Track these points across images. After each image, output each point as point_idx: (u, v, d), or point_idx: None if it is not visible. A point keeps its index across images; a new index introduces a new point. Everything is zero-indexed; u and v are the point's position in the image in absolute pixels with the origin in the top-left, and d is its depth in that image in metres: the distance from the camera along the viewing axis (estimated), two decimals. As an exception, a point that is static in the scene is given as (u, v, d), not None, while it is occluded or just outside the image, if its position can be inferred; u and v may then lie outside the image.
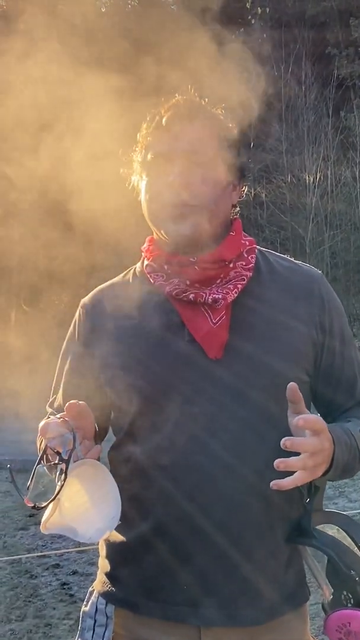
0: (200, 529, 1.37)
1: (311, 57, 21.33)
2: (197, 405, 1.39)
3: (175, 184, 1.40)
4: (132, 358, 1.45)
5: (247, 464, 1.37)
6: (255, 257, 1.50)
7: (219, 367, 1.40)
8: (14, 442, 10.49)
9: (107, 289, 1.59)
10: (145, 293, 1.49)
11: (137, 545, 1.44)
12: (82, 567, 4.86)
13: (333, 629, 1.34)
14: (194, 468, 1.37)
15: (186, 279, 1.42)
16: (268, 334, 1.41)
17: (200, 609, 1.38)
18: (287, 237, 19.88)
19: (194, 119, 1.45)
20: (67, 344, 1.60)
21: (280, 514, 1.41)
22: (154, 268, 1.48)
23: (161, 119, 1.45)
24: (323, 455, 1.26)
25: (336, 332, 1.48)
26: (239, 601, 1.39)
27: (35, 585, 4.54)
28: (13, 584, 4.56)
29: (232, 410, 1.38)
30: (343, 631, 1.33)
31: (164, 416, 1.40)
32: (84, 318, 1.57)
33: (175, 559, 1.39)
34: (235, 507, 1.38)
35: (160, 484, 1.39)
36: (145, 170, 1.48)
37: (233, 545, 1.37)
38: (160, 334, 1.44)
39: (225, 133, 1.49)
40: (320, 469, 1.27)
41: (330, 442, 1.28)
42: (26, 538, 5.67)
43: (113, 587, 1.48)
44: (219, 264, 1.43)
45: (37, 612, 4.11)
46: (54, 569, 4.85)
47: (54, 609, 4.14)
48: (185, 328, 1.42)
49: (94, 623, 1.49)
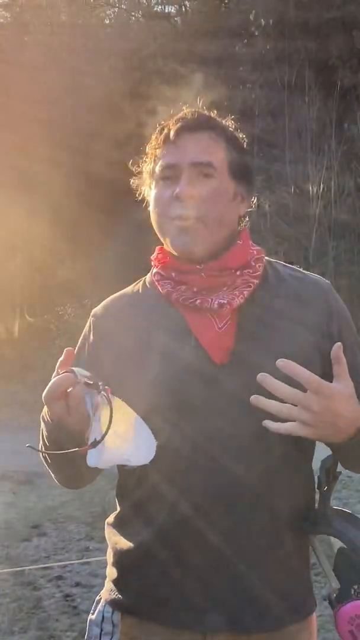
0: (205, 539, 1.37)
1: (314, 67, 21.40)
2: (203, 414, 1.39)
3: (181, 196, 1.41)
4: (138, 367, 1.46)
5: (254, 475, 1.37)
6: (264, 266, 1.51)
7: (224, 373, 1.40)
8: (16, 453, 10.50)
9: (117, 298, 1.61)
10: (153, 301, 1.51)
11: (141, 553, 1.44)
12: (85, 578, 4.84)
13: (345, 620, 1.33)
14: (200, 478, 1.37)
15: (193, 287, 1.44)
16: (274, 342, 1.42)
17: (206, 616, 1.38)
18: (291, 247, 19.89)
19: (201, 131, 1.47)
20: (76, 353, 1.61)
21: (287, 525, 1.41)
22: (162, 276, 1.50)
23: (169, 132, 1.47)
24: (328, 418, 1.26)
25: (344, 340, 1.48)
26: (245, 610, 1.38)
27: (39, 597, 4.52)
28: (16, 595, 4.54)
29: (237, 419, 1.38)
30: (355, 623, 1.31)
31: (168, 425, 1.40)
32: (93, 327, 1.59)
33: (180, 568, 1.40)
34: (241, 517, 1.37)
35: (164, 493, 1.39)
36: (154, 181, 1.50)
37: (239, 555, 1.37)
38: (167, 341, 1.45)
39: (233, 144, 1.51)
40: (326, 430, 1.28)
41: (346, 422, 1.28)
42: (29, 549, 5.65)
43: (119, 594, 1.49)
44: (226, 272, 1.45)
45: (41, 624, 4.09)
46: (58, 580, 4.83)
47: (57, 621, 4.12)
48: (191, 334, 1.42)
49: (100, 632, 1.50)
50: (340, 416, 1.26)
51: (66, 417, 1.29)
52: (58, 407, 1.30)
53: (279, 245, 19.81)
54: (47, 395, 1.30)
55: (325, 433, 1.27)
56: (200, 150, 1.45)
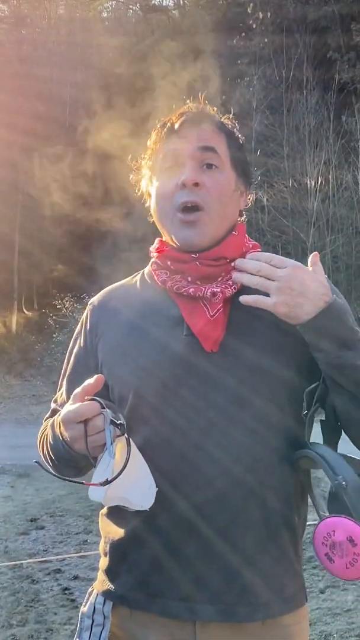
0: (195, 528, 1.37)
1: (312, 61, 21.41)
2: (190, 401, 1.40)
3: (187, 183, 1.42)
4: (130, 354, 1.47)
5: (243, 466, 1.37)
6: None
7: (214, 363, 1.41)
8: (15, 446, 10.53)
9: (115, 289, 1.62)
10: (149, 291, 1.52)
11: (132, 541, 1.45)
12: (83, 572, 4.85)
13: (320, 542, 1.29)
14: (188, 467, 1.38)
15: (188, 276, 1.44)
16: (264, 333, 1.42)
17: (196, 605, 1.39)
18: (289, 241, 19.92)
19: (204, 123, 1.48)
20: (73, 341, 1.63)
21: (280, 518, 1.41)
22: (159, 265, 1.50)
23: (173, 125, 1.47)
24: (295, 285, 1.32)
25: None
26: (235, 598, 1.39)
27: (37, 590, 4.53)
28: (14, 589, 4.55)
29: (225, 407, 1.39)
30: (329, 543, 1.28)
31: (158, 414, 1.41)
32: (90, 316, 1.60)
33: (171, 557, 1.40)
34: (232, 509, 1.38)
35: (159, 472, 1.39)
36: (156, 174, 1.50)
37: (230, 546, 1.38)
38: (160, 329, 1.46)
39: (233, 140, 1.51)
40: (294, 299, 1.32)
41: (313, 292, 1.33)
42: (27, 543, 5.66)
43: (111, 584, 1.49)
44: (220, 262, 1.44)
45: (39, 617, 4.10)
46: (55, 574, 4.84)
47: (55, 614, 4.13)
48: (184, 322, 1.43)
49: (91, 623, 1.51)
50: (306, 284, 1.32)
51: (79, 441, 1.31)
52: (75, 430, 1.32)
53: (276, 239, 19.84)
54: (68, 418, 1.32)
55: (292, 302, 1.31)
56: (203, 138, 1.45)
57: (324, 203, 19.76)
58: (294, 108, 20.87)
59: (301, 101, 20.77)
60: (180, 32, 22.14)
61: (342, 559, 1.27)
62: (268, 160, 19.78)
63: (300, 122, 20.70)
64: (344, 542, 1.26)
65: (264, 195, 18.90)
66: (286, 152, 20.23)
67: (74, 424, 1.31)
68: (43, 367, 18.13)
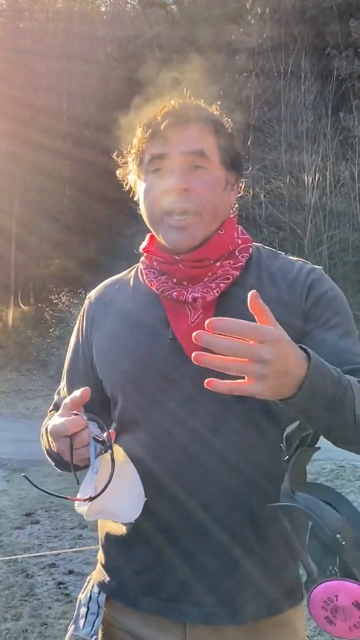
0: (195, 521, 1.37)
1: (311, 57, 21.37)
2: (176, 410, 1.39)
3: (174, 190, 1.39)
4: (117, 358, 1.47)
5: (230, 467, 1.37)
6: (250, 255, 1.48)
7: (198, 369, 1.30)
8: (10, 441, 10.53)
9: (110, 284, 1.61)
10: (141, 289, 1.51)
11: (131, 536, 1.43)
12: (78, 566, 4.85)
13: (318, 605, 1.18)
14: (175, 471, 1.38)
15: (173, 277, 1.42)
16: None
17: (187, 607, 1.38)
18: (286, 237, 19.92)
19: (189, 123, 1.43)
20: (74, 333, 1.63)
21: (270, 518, 1.40)
22: (147, 265, 1.49)
23: (158, 125, 1.42)
24: (280, 365, 1.07)
25: (327, 321, 1.44)
26: (238, 597, 1.38)
27: (31, 584, 4.53)
28: (9, 583, 4.55)
29: (211, 412, 1.37)
30: (330, 607, 1.17)
31: (145, 417, 1.41)
32: (87, 309, 1.60)
33: (159, 560, 1.40)
34: (234, 501, 1.37)
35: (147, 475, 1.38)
36: (143, 176, 1.46)
37: (232, 539, 1.37)
38: (149, 330, 1.44)
39: (221, 132, 1.47)
40: (279, 380, 1.08)
41: (295, 365, 1.11)
42: (22, 537, 5.66)
43: (108, 577, 1.49)
44: (204, 263, 1.42)
45: (33, 611, 4.10)
46: (50, 568, 4.84)
47: (50, 609, 4.13)
48: (169, 326, 1.42)
49: (86, 611, 1.51)
50: (290, 361, 1.09)
51: (66, 453, 1.31)
52: (61, 443, 1.32)
53: (274, 234, 19.83)
54: (55, 431, 1.31)
55: (278, 384, 1.09)
56: (190, 140, 1.41)
57: (321, 199, 19.75)
58: (292, 103, 20.85)
59: (299, 96, 20.76)
60: (179, 26, 22.10)
61: (346, 622, 1.18)
62: (266, 156, 19.77)
63: (298, 117, 20.69)
64: (349, 607, 1.17)
65: (261, 190, 18.89)
66: (284, 147, 20.23)
67: (60, 437, 1.30)
68: (39, 361, 18.14)
